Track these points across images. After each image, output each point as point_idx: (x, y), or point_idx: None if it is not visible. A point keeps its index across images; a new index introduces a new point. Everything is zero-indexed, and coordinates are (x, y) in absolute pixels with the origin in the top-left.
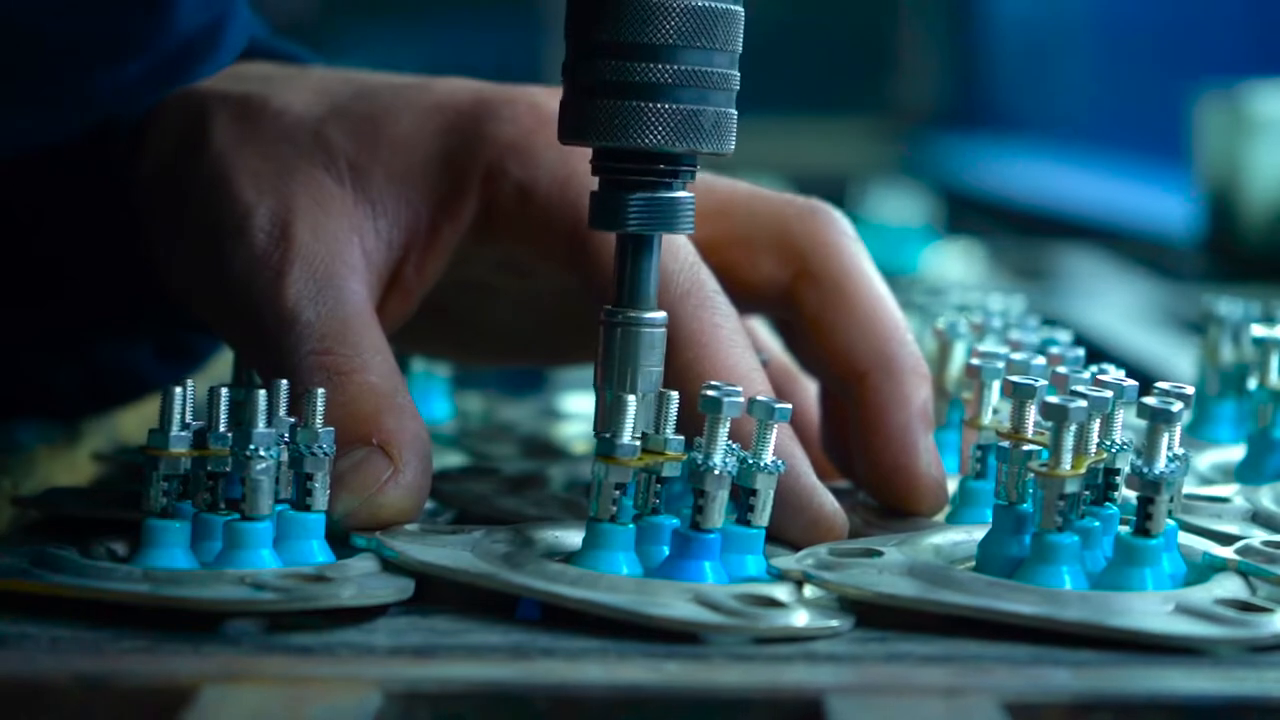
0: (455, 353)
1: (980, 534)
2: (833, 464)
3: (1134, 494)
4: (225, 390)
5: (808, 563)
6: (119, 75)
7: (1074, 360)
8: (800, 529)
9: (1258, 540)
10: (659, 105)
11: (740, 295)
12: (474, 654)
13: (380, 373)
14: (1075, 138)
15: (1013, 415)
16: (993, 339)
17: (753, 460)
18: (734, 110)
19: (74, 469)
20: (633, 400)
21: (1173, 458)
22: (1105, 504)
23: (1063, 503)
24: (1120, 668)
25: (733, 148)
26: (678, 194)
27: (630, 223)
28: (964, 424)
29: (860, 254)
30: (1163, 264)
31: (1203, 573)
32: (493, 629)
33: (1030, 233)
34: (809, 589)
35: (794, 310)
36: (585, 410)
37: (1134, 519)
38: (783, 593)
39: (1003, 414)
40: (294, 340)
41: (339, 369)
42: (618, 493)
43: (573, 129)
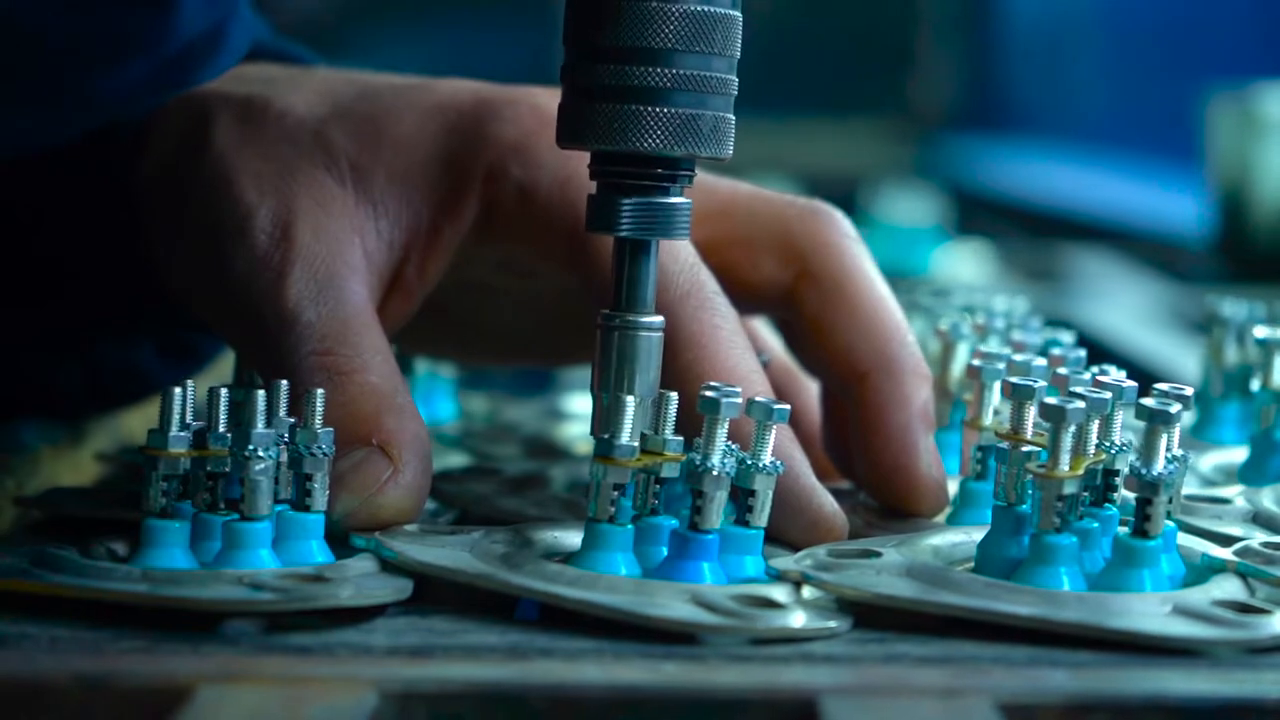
0: (456, 353)
1: (980, 535)
2: (834, 465)
3: (1133, 495)
4: (225, 390)
5: (806, 563)
6: (121, 77)
7: (1075, 361)
8: (800, 530)
9: (1257, 541)
10: (657, 109)
11: (741, 296)
12: (471, 654)
13: (381, 373)
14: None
15: (1012, 416)
16: (995, 340)
17: (751, 461)
18: (732, 115)
19: (78, 469)
20: (631, 401)
21: (1171, 459)
22: (1104, 505)
23: (1061, 504)
24: (1117, 669)
25: (731, 152)
26: (674, 199)
27: (626, 227)
28: (964, 425)
29: (861, 254)
30: (1174, 265)
31: (1201, 574)
32: (491, 629)
33: (1041, 234)
34: (807, 590)
35: (795, 311)
36: (589, 411)
37: (1132, 520)
38: (781, 594)
39: (1004, 415)
40: (294, 341)
41: (339, 369)
42: (616, 493)
43: (571, 132)
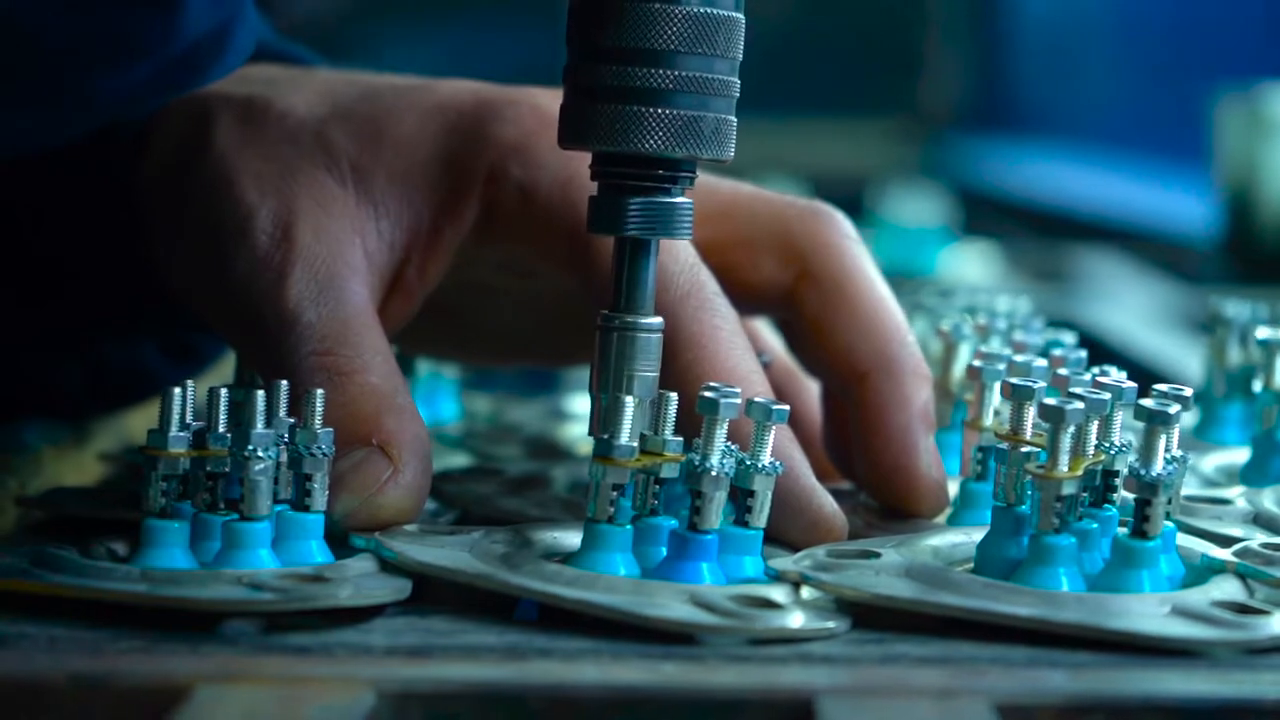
0: (456, 353)
1: (980, 536)
2: (834, 465)
3: (1132, 496)
4: (225, 391)
5: (805, 564)
6: (125, 78)
7: (1076, 362)
8: (800, 530)
9: (1256, 542)
10: (659, 110)
11: (741, 296)
12: (469, 654)
13: (381, 373)
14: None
15: (1011, 417)
16: (997, 340)
17: (750, 461)
18: (734, 117)
19: (81, 469)
20: (630, 402)
21: (1170, 460)
22: (1104, 506)
23: (1060, 504)
24: (1115, 669)
25: (732, 154)
26: (676, 199)
27: (628, 227)
28: (965, 426)
29: (862, 255)
30: (1181, 265)
31: (1201, 575)
32: (489, 629)
33: (1049, 234)
34: (806, 590)
35: (795, 311)
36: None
37: (1131, 521)
38: (779, 594)
39: (1004, 416)
40: (295, 341)
41: (340, 370)
42: (615, 494)
43: (573, 133)
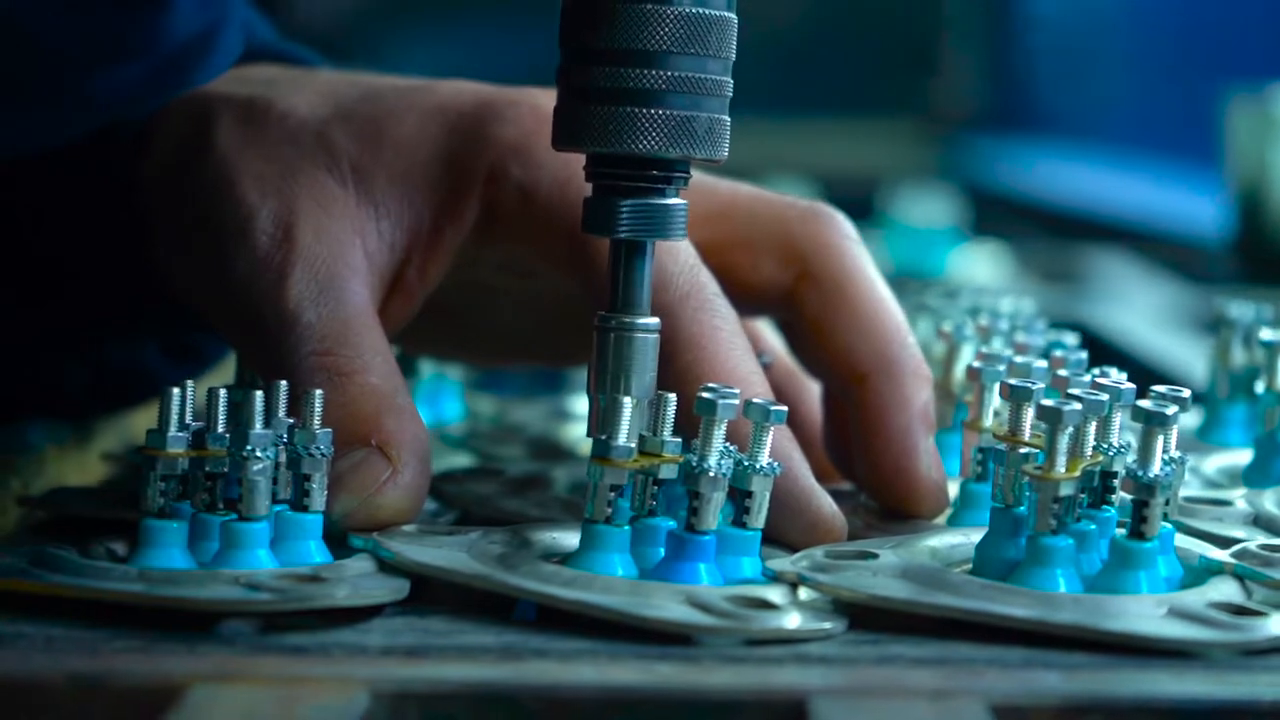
0: (457, 353)
1: (978, 537)
2: (835, 466)
3: (1130, 497)
4: (224, 391)
5: (802, 565)
6: (116, 78)
7: (1076, 363)
8: (799, 531)
9: (1254, 543)
10: (653, 111)
11: (742, 297)
12: (465, 654)
13: (381, 374)
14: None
15: (1010, 418)
16: (999, 342)
17: (748, 462)
18: (727, 117)
19: (84, 469)
20: (628, 402)
21: (1168, 461)
22: (1102, 507)
23: (1057, 505)
24: (1111, 671)
25: (726, 154)
26: (670, 200)
27: (622, 228)
28: (965, 426)
29: (862, 256)
30: (1191, 266)
31: (1199, 576)
32: (487, 630)
33: (1060, 234)
34: (804, 591)
35: (795, 312)
36: None
37: (1129, 522)
38: (776, 595)
39: (1004, 417)
40: (295, 341)
41: (339, 370)
42: (613, 494)
43: (567, 134)
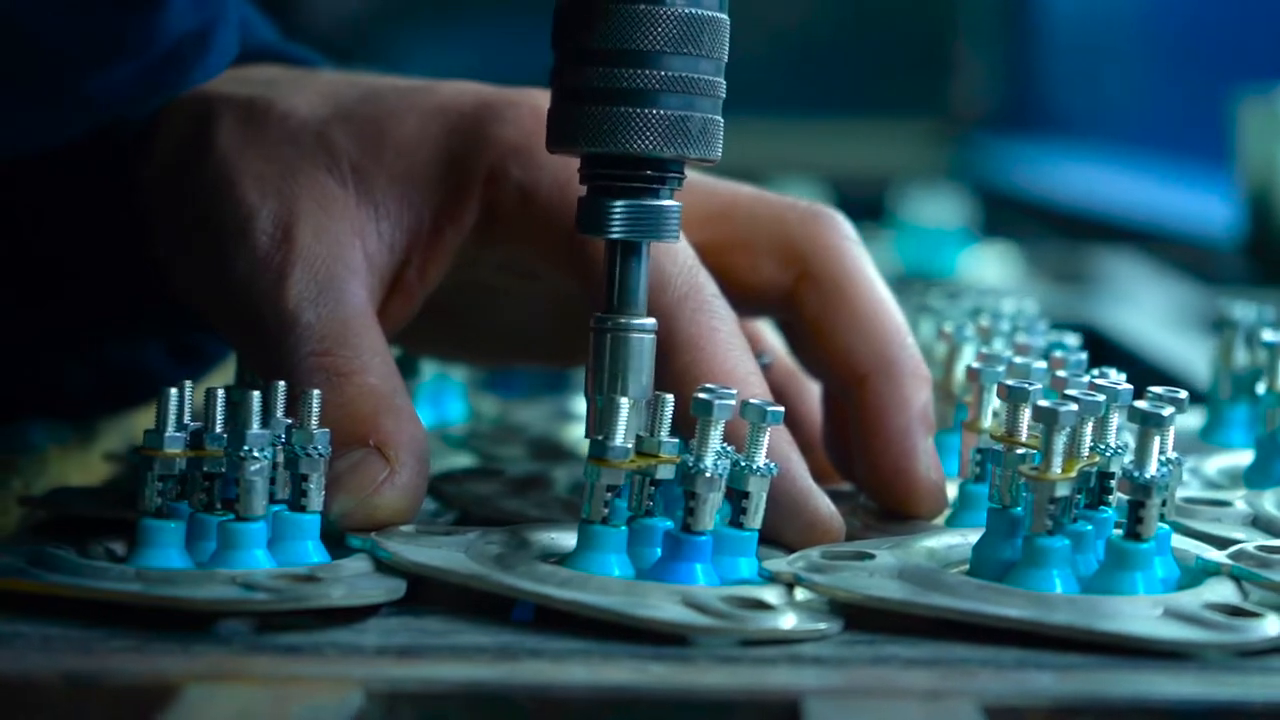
0: (457, 353)
1: (976, 538)
2: (835, 466)
3: (1126, 497)
4: (222, 391)
5: (799, 565)
6: (113, 77)
7: (1076, 364)
8: (796, 532)
9: (1252, 545)
10: (646, 111)
11: (741, 298)
12: (460, 654)
13: (379, 374)
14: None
15: (1007, 419)
16: (1000, 342)
17: (745, 463)
18: (720, 117)
19: (86, 469)
20: (625, 403)
21: (1165, 462)
22: (1099, 508)
23: (1053, 506)
24: (1105, 671)
25: (719, 154)
26: (664, 201)
27: (616, 229)
28: (964, 427)
29: (861, 257)
30: (1202, 267)
31: (1196, 577)
32: (483, 630)
33: (1070, 235)
34: (800, 591)
35: (795, 313)
36: None
37: (1125, 523)
38: (771, 595)
39: (1003, 418)
40: (294, 342)
41: (339, 370)
42: (610, 495)
43: (561, 135)
